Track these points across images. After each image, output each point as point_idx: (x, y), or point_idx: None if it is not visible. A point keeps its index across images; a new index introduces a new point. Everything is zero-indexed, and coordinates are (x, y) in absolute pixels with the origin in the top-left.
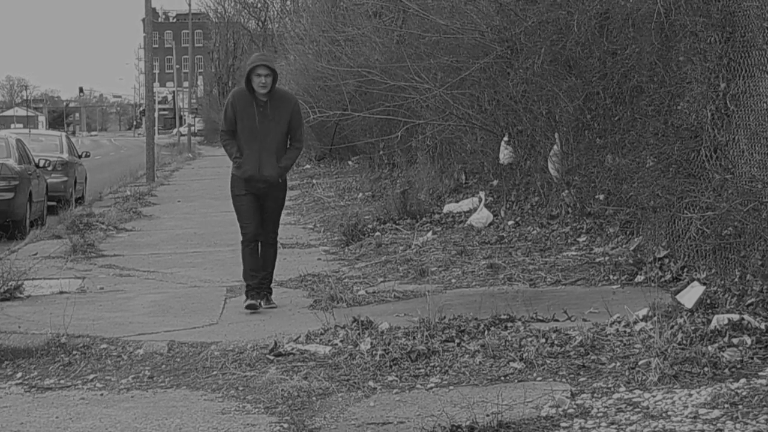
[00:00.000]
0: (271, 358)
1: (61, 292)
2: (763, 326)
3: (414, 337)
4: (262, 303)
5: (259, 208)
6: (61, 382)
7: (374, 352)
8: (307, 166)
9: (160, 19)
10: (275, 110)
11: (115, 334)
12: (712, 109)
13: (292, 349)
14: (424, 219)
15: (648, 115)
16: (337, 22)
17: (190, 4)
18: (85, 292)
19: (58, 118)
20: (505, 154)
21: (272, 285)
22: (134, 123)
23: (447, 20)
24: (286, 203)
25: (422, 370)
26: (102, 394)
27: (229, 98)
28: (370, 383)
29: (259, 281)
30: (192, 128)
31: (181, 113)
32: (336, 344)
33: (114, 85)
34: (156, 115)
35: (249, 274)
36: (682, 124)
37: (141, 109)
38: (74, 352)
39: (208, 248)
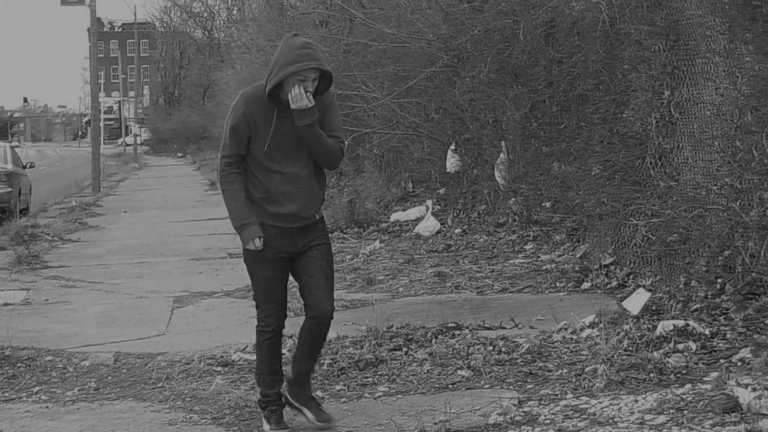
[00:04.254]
0: (219, 368)
1: (5, 304)
2: (707, 332)
3: (362, 346)
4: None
5: (287, 279)
6: (6, 394)
7: (321, 362)
8: None
9: (105, 29)
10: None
11: (60, 345)
12: (656, 116)
13: (240, 359)
14: (371, 228)
15: (594, 123)
16: (284, 31)
17: (135, 14)
18: (30, 304)
19: (2, 129)
20: (452, 162)
21: (220, 296)
22: (80, 133)
23: (394, 29)
24: None
25: (370, 379)
26: (47, 407)
27: (239, 105)
28: (318, 393)
29: (278, 388)
30: (138, 138)
31: (127, 123)
32: (283, 354)
33: (59, 95)
34: (101, 125)
35: (268, 378)
36: (627, 132)
37: (86, 119)
38: (19, 365)
39: (155, 259)
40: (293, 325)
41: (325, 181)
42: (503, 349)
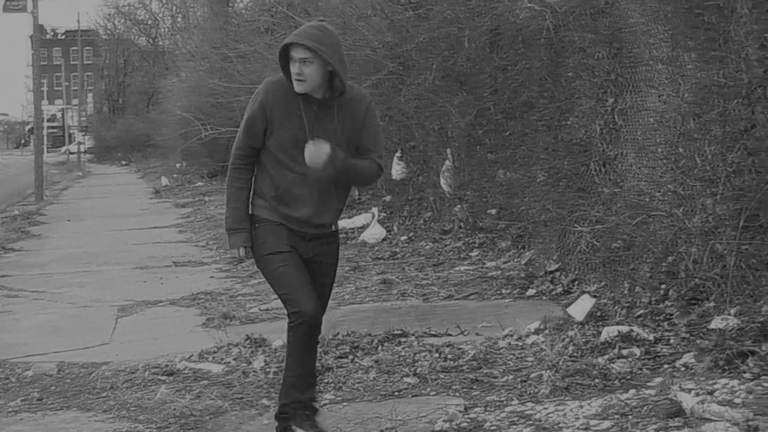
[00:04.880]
0: (164, 377)
1: None
2: (651, 337)
3: None
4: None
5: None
6: None
7: (268, 370)
8: (200, 183)
9: (48, 36)
10: (341, 113)
11: (2, 356)
12: (600, 123)
13: (185, 368)
14: None
15: (538, 130)
16: (228, 38)
17: (78, 22)
18: None
19: None
20: (397, 169)
21: (165, 305)
22: (22, 141)
23: (340, 37)
24: (178, 221)
25: (316, 387)
26: None
27: (259, 93)
28: (264, 401)
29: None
30: (82, 146)
31: (71, 131)
32: (229, 362)
33: (0, 103)
34: (44, 133)
35: (304, 381)
36: (571, 139)
37: (29, 127)
38: None
39: (99, 267)
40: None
41: (349, 188)
42: (449, 356)
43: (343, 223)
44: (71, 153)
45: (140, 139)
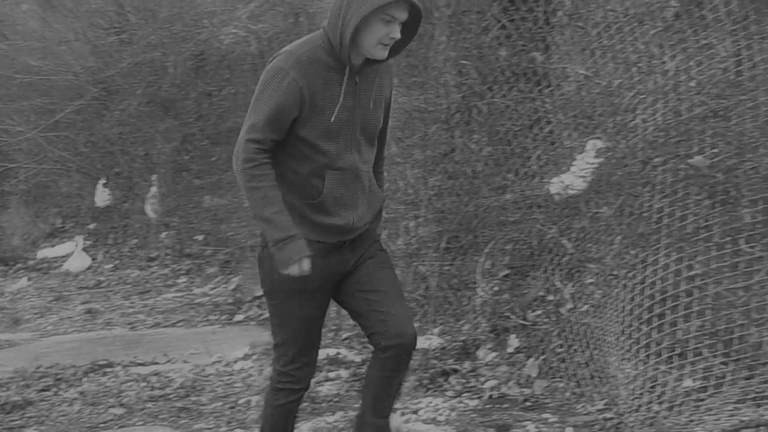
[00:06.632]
0: None
1: None
2: (359, 359)
3: (8, 388)
4: None
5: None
6: None
7: None
8: None
9: None
10: (378, 88)
11: None
12: None
13: None
14: (18, 265)
15: None
16: None
17: None
18: None
19: None
20: (102, 196)
21: None
22: None
23: (39, 61)
24: None
25: (18, 422)
26: None
27: (288, 70)
28: None
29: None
30: None
31: None
32: None
33: None
34: None
35: None
36: None
37: None
38: None
39: None
40: None
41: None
42: (156, 385)
43: (45, 252)
44: None
45: None
